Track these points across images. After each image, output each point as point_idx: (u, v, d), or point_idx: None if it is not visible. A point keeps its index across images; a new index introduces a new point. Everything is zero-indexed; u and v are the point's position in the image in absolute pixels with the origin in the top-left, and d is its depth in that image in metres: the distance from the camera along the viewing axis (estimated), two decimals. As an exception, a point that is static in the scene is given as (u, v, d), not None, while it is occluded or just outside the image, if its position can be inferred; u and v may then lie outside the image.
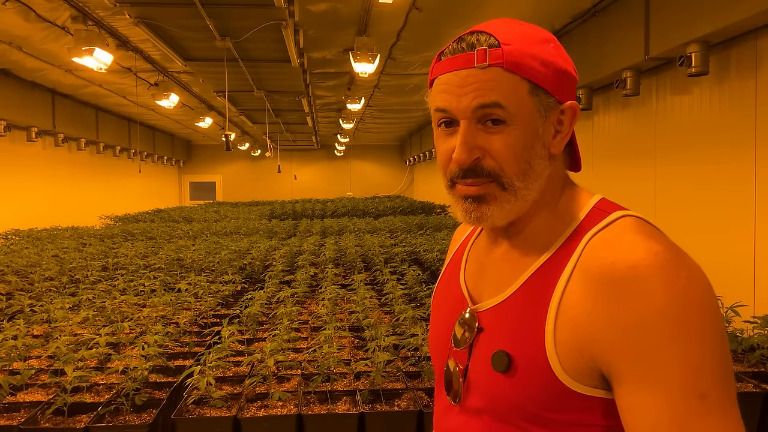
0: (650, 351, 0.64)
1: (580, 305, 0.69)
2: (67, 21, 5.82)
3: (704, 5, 4.22)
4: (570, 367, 0.70)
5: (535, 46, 0.76)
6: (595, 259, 0.70)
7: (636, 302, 0.65)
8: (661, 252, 0.67)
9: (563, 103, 0.77)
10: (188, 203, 19.48)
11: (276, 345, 2.77)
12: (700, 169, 4.86)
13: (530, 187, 0.76)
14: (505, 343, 0.75)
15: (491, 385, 0.76)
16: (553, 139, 0.77)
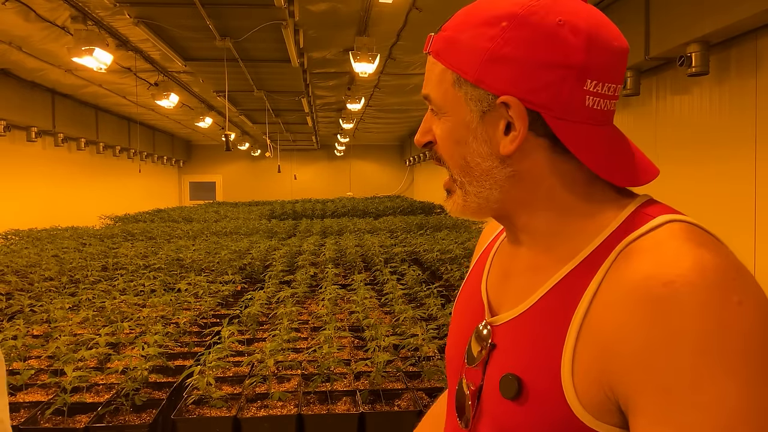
0: (677, 389, 0.52)
1: (607, 328, 0.58)
2: (67, 21, 5.82)
3: (704, 5, 4.22)
4: (588, 401, 0.59)
5: (470, 30, 0.65)
6: (628, 271, 0.58)
7: (667, 326, 0.53)
8: (713, 268, 0.54)
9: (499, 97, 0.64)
10: (188, 203, 19.48)
11: (276, 345, 2.77)
12: (700, 169, 4.86)
13: (477, 184, 0.69)
14: (517, 365, 0.65)
15: (499, 412, 0.67)
16: (505, 138, 0.66)
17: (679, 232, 0.59)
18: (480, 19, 0.65)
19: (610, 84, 0.64)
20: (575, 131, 0.64)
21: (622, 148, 0.67)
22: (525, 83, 0.63)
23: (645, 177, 0.66)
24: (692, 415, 0.52)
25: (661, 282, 0.54)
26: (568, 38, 0.62)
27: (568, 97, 0.63)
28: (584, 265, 0.63)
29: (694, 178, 4.93)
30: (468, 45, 0.65)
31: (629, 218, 0.63)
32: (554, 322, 0.63)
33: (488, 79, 0.64)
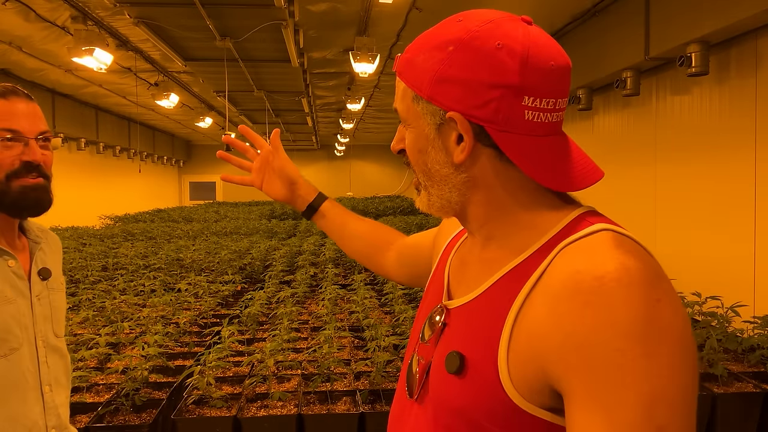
0: (606, 369, 0.59)
1: (540, 315, 0.65)
2: (67, 21, 5.82)
3: (704, 5, 4.22)
4: (519, 381, 0.66)
5: (424, 53, 0.74)
6: (561, 268, 0.66)
7: (596, 314, 0.60)
8: (636, 270, 0.61)
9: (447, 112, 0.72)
10: (188, 203, 19.48)
11: (276, 345, 2.77)
12: (700, 169, 4.86)
13: (438, 187, 0.77)
14: (462, 344, 0.73)
15: (442, 385, 0.74)
16: (456, 147, 0.74)
17: (610, 239, 0.66)
18: (433, 44, 0.73)
19: (548, 99, 0.71)
20: (516, 142, 0.71)
21: (564, 156, 0.74)
22: (469, 100, 0.71)
23: (581, 183, 0.73)
24: (618, 394, 0.58)
25: (591, 276, 0.62)
26: (505, 60, 0.69)
27: (507, 112, 0.70)
28: (528, 261, 0.71)
29: (694, 177, 4.93)
30: (422, 66, 0.74)
31: (571, 224, 0.71)
32: (497, 308, 0.70)
33: (438, 96, 0.72)
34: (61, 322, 1.39)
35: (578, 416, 0.61)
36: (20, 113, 1.25)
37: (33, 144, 1.26)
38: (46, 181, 1.30)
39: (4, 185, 1.24)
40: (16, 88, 1.29)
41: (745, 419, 2.58)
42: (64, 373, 1.40)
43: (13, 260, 1.29)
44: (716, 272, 4.57)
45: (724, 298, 3.23)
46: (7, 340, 1.23)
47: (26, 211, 1.28)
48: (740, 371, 2.81)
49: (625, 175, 6.02)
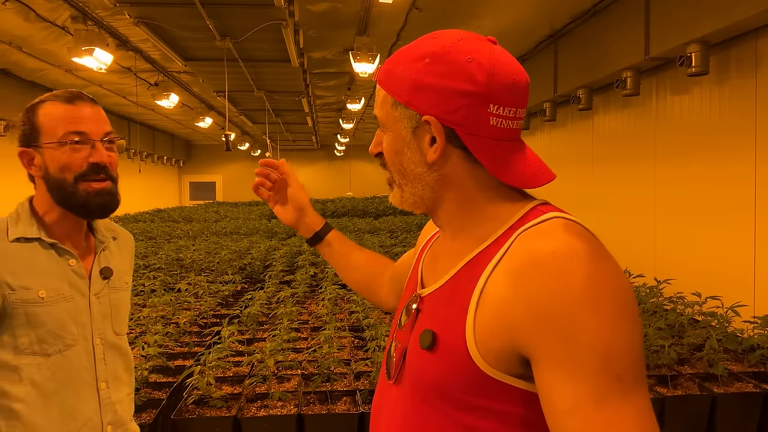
0: (567, 331, 0.67)
1: (502, 290, 0.74)
2: (67, 21, 5.82)
3: (704, 5, 4.22)
4: (486, 351, 0.74)
5: (403, 65, 0.84)
6: (520, 247, 0.75)
7: (553, 283, 0.69)
8: (581, 246, 0.71)
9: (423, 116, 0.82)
10: (188, 203, 19.48)
11: (276, 345, 2.77)
12: (700, 169, 4.86)
13: (412, 185, 0.86)
14: (434, 323, 0.81)
15: (418, 361, 0.82)
16: (429, 148, 0.83)
17: (560, 224, 0.76)
18: (410, 56, 0.83)
19: (509, 108, 0.81)
20: (481, 144, 0.81)
21: (521, 159, 0.84)
22: (442, 106, 0.81)
23: (535, 182, 0.83)
24: (578, 352, 0.67)
25: (545, 251, 0.72)
26: (474, 72, 0.79)
27: (475, 117, 0.80)
28: (489, 248, 0.80)
29: (694, 177, 4.93)
30: (401, 76, 0.83)
31: (526, 214, 0.81)
32: (463, 289, 0.79)
33: (415, 101, 0.82)
34: (121, 320, 1.42)
35: (546, 376, 0.69)
36: (86, 116, 1.29)
37: (99, 146, 1.30)
38: (112, 183, 1.34)
39: (72, 187, 1.29)
40: (80, 93, 1.33)
41: (745, 419, 2.58)
42: (125, 370, 1.43)
43: (74, 259, 1.33)
44: (716, 272, 4.57)
45: (724, 298, 3.23)
46: (62, 337, 1.28)
47: (93, 213, 1.32)
48: (740, 371, 2.81)
49: (625, 175, 6.02)
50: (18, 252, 1.27)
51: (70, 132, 1.27)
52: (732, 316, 3.11)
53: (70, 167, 1.28)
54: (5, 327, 1.24)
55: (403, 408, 0.84)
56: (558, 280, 0.69)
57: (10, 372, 1.24)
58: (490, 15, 5.98)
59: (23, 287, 1.24)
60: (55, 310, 1.27)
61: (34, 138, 1.32)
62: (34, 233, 1.30)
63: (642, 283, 4.04)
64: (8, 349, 1.24)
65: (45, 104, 1.32)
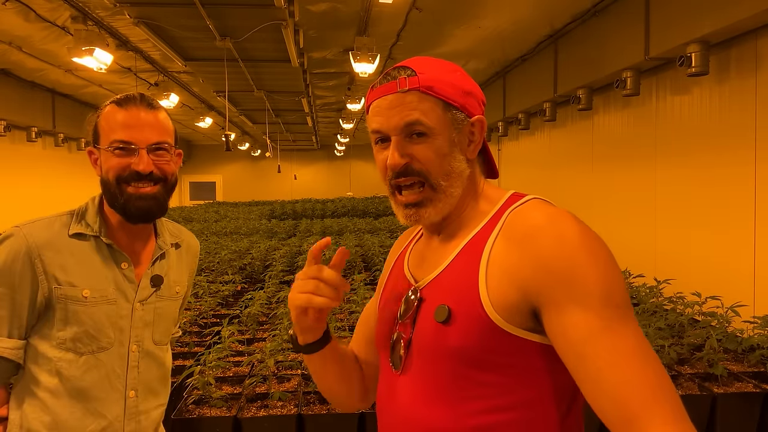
0: (572, 276, 0.81)
1: (507, 256, 0.86)
2: (67, 21, 5.82)
3: (704, 5, 4.21)
4: (502, 310, 0.84)
5: (445, 74, 0.95)
6: (516, 221, 0.89)
7: (555, 241, 0.83)
8: (566, 213, 0.87)
9: (471, 117, 0.95)
10: (188, 203, 19.47)
11: (276, 345, 2.77)
12: (700, 169, 4.86)
13: (454, 185, 0.94)
14: (446, 299, 0.89)
15: (436, 337, 0.88)
16: (468, 147, 0.96)
17: (541, 202, 0.93)
18: (446, 67, 0.97)
19: None
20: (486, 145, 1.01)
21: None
22: (480, 108, 0.98)
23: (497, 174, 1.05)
24: (583, 290, 0.80)
25: (541, 219, 0.86)
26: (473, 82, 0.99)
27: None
28: (485, 227, 0.93)
29: (694, 177, 4.92)
30: (450, 83, 0.94)
31: (509, 199, 0.95)
32: (468, 265, 0.89)
33: (468, 105, 0.95)
34: (164, 329, 1.41)
35: (558, 317, 0.81)
36: (135, 123, 1.29)
37: (143, 154, 1.29)
38: (160, 188, 1.33)
39: (115, 188, 1.30)
40: (137, 96, 1.33)
41: (745, 419, 2.58)
42: (160, 381, 1.41)
43: (127, 263, 1.34)
44: (716, 272, 4.57)
45: (724, 298, 3.23)
46: (97, 339, 1.29)
47: (133, 216, 1.31)
48: (740, 371, 2.81)
49: (625, 175, 6.02)
50: (74, 247, 1.29)
51: (115, 140, 1.29)
52: (732, 316, 3.11)
53: (114, 171, 1.29)
54: (47, 318, 1.27)
55: (421, 391, 0.89)
56: (558, 238, 0.83)
57: (43, 361, 1.27)
58: (490, 15, 5.98)
59: (69, 284, 1.27)
60: (95, 311, 1.28)
61: (96, 139, 1.33)
62: (95, 231, 1.32)
63: (642, 283, 4.04)
64: (45, 340, 1.27)
65: (108, 106, 1.33)
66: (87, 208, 1.36)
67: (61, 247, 1.28)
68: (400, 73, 0.94)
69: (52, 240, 1.28)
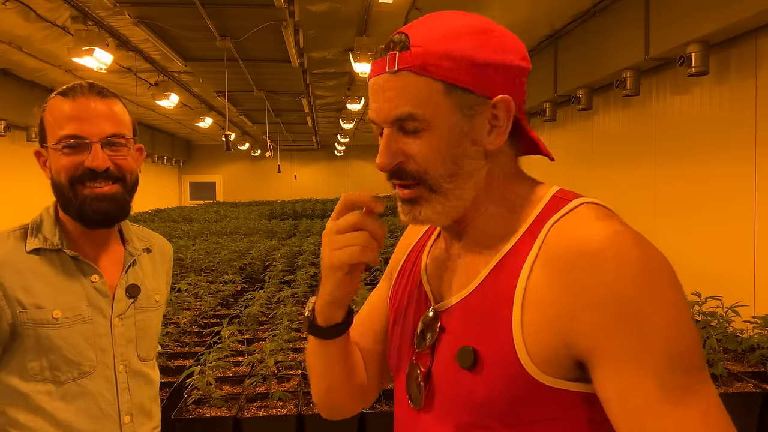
0: (630, 326, 0.62)
1: (548, 288, 0.66)
2: (67, 21, 5.81)
3: (704, 5, 4.22)
4: (539, 358, 0.66)
5: (450, 42, 0.70)
6: (560, 241, 0.68)
7: (609, 274, 0.63)
8: (623, 230, 0.66)
9: (492, 98, 0.72)
10: (188, 203, 19.47)
11: (276, 345, 2.77)
12: (700, 169, 4.86)
13: (462, 187, 0.73)
14: (471, 338, 0.71)
15: (458, 384, 0.72)
16: (489, 136, 0.73)
17: (593, 210, 0.71)
18: (456, 31, 0.71)
19: None
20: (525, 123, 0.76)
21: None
22: (509, 84, 0.73)
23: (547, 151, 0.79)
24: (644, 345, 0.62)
25: (592, 240, 0.65)
26: (520, 47, 0.74)
27: (523, 95, 0.75)
28: (519, 243, 0.72)
29: (694, 177, 4.93)
30: (453, 56, 0.70)
31: (549, 203, 0.73)
32: (500, 295, 0.70)
33: (480, 82, 0.71)
34: (149, 344, 1.27)
35: (610, 377, 0.63)
36: (85, 115, 1.15)
37: (96, 148, 1.14)
38: (119, 187, 1.17)
39: (68, 191, 1.14)
40: (85, 85, 1.20)
41: (745, 419, 2.57)
42: (152, 401, 1.29)
43: (97, 275, 1.19)
44: (716, 272, 4.57)
45: (724, 298, 3.23)
46: (78, 363, 1.14)
47: (91, 221, 1.16)
48: (740, 371, 2.81)
49: (625, 175, 6.02)
50: (34, 265, 1.14)
51: (64, 135, 1.14)
52: (732, 316, 3.11)
53: (65, 170, 1.14)
54: (14, 349, 1.12)
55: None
56: (617, 272, 0.63)
57: (18, 399, 1.12)
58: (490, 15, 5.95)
59: (36, 306, 1.11)
60: (70, 334, 1.13)
61: (43, 137, 1.19)
62: (56, 244, 1.16)
63: (642, 283, 4.04)
64: (15, 374, 1.12)
65: (51, 100, 1.20)
66: (42, 220, 1.19)
67: (20, 266, 1.12)
68: (395, 44, 0.72)
69: (8, 259, 1.12)
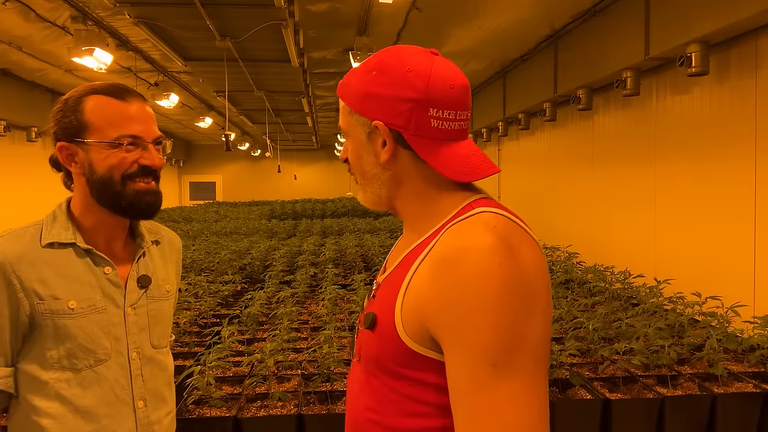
0: (458, 319, 0.79)
1: (423, 280, 0.86)
2: (67, 21, 5.81)
3: (704, 5, 4.21)
4: (410, 330, 0.86)
5: (356, 77, 0.95)
6: (441, 244, 0.86)
7: (452, 276, 0.80)
8: (490, 240, 0.81)
9: (373, 122, 0.93)
10: (188, 203, 19.47)
11: (276, 345, 2.77)
12: (700, 169, 4.86)
13: (371, 184, 0.97)
14: (376, 307, 0.93)
15: (364, 340, 0.95)
16: (382, 150, 0.94)
17: (482, 219, 0.86)
18: (362, 69, 0.96)
19: (449, 111, 0.91)
20: (425, 144, 0.92)
21: (464, 156, 0.93)
22: (387, 112, 0.92)
23: (474, 176, 0.93)
24: (465, 340, 0.79)
25: (454, 248, 0.83)
26: (413, 81, 0.90)
27: (417, 120, 0.91)
28: (425, 241, 0.92)
29: (694, 177, 4.93)
30: (354, 87, 0.95)
31: (461, 210, 0.91)
32: (399, 278, 0.91)
33: (365, 109, 0.93)
34: (161, 332, 1.33)
35: (446, 357, 0.83)
36: (138, 116, 1.24)
37: (152, 149, 1.27)
38: (157, 184, 1.32)
39: (119, 186, 1.23)
40: (128, 87, 1.27)
41: (745, 419, 2.58)
42: (166, 387, 1.34)
43: (110, 267, 1.25)
44: (716, 272, 4.57)
45: (724, 298, 3.23)
46: (93, 351, 1.20)
47: (141, 213, 1.28)
48: (740, 371, 2.81)
49: (625, 175, 6.02)
50: (50, 258, 1.19)
51: (124, 135, 1.21)
52: (732, 316, 3.11)
53: (120, 167, 1.22)
54: (34, 338, 1.18)
55: (360, 381, 0.97)
56: (455, 273, 0.80)
57: (38, 386, 1.18)
58: (490, 15, 5.98)
59: (52, 297, 1.17)
60: (85, 323, 1.19)
61: (80, 133, 1.21)
62: (69, 238, 1.22)
63: (642, 283, 4.04)
64: (35, 363, 1.18)
65: (92, 97, 1.22)
66: (56, 216, 1.26)
67: (36, 259, 1.18)
68: None
69: (25, 253, 1.18)
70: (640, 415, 2.56)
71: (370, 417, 0.93)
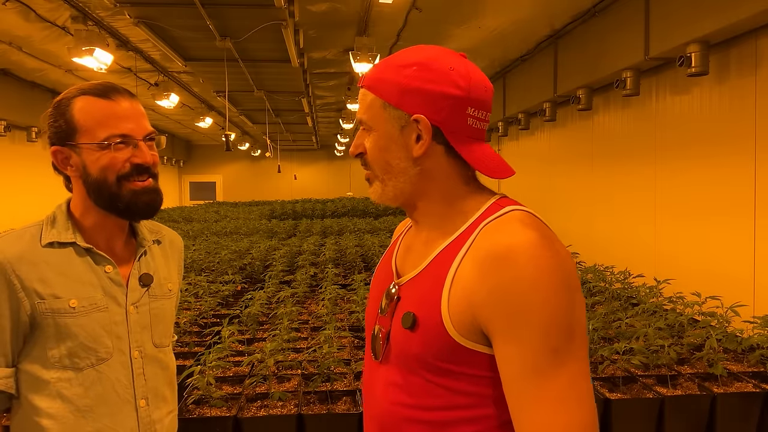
0: (515, 311, 0.83)
1: (470, 276, 0.88)
2: (67, 21, 5.82)
3: (704, 5, 4.22)
4: (459, 326, 0.88)
5: (390, 71, 0.96)
6: (483, 241, 0.89)
7: (508, 272, 0.84)
8: (534, 237, 0.86)
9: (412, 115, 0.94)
10: (188, 203, 19.47)
11: (276, 345, 2.77)
12: (700, 169, 4.86)
13: (394, 179, 0.97)
14: (413, 306, 0.94)
15: (402, 340, 0.95)
16: (415, 144, 0.95)
17: (517, 217, 0.91)
18: (398, 64, 0.96)
19: (483, 111, 0.96)
20: (461, 141, 0.96)
21: (489, 155, 0.98)
22: (429, 107, 0.93)
23: (501, 174, 0.97)
24: (524, 328, 0.83)
25: (502, 245, 0.86)
26: (456, 79, 0.94)
27: (456, 117, 0.94)
28: (459, 239, 0.94)
29: (694, 177, 4.93)
30: (390, 81, 0.95)
31: (489, 208, 0.95)
32: (437, 275, 0.93)
33: (404, 103, 0.94)
34: (163, 331, 1.33)
35: (499, 347, 0.86)
36: (126, 114, 1.22)
37: (143, 146, 1.23)
38: (155, 181, 1.28)
39: (115, 187, 1.21)
40: (115, 85, 1.25)
41: (745, 419, 2.58)
42: (167, 386, 1.34)
43: (111, 266, 1.25)
44: (716, 272, 4.57)
45: (724, 298, 3.23)
46: (95, 350, 1.19)
47: (139, 213, 1.26)
48: (740, 371, 2.81)
49: (625, 174, 6.02)
50: (50, 258, 1.19)
51: (112, 135, 1.19)
52: (732, 316, 3.11)
53: (112, 168, 1.20)
54: (35, 338, 1.18)
55: (393, 381, 0.96)
56: (512, 270, 0.84)
57: (39, 386, 1.17)
58: (490, 15, 5.98)
59: (53, 296, 1.17)
60: (87, 322, 1.19)
61: (70, 136, 1.20)
62: (69, 237, 1.22)
63: (642, 283, 4.04)
64: (37, 362, 1.17)
65: (79, 99, 1.21)
66: (56, 216, 1.25)
67: (36, 259, 1.18)
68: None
69: (25, 253, 1.17)
70: (639, 414, 2.56)
71: (407, 414, 0.94)
